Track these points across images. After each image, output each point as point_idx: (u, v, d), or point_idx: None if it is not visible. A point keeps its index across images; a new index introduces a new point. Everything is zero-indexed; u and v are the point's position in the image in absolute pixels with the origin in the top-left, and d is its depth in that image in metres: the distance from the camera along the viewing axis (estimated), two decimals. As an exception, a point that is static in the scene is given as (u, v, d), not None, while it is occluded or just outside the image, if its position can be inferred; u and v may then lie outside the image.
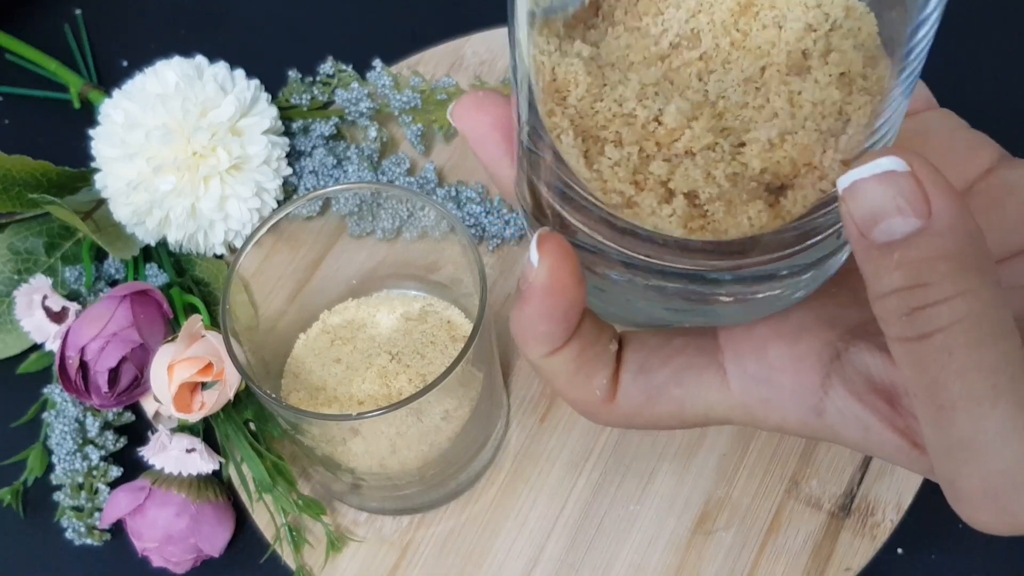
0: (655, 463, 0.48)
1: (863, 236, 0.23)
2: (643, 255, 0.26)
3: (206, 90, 0.51)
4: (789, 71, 0.22)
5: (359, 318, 0.48)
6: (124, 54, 0.62)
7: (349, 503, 0.48)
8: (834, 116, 0.23)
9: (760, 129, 0.23)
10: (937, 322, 0.22)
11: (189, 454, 0.46)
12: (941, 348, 0.22)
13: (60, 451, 0.48)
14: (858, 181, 0.23)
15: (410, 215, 0.48)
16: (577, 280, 0.26)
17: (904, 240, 0.22)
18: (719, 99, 0.23)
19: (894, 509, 0.47)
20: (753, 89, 0.23)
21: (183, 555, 0.46)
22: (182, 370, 0.45)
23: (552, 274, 0.25)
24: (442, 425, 0.43)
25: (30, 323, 0.50)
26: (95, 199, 0.53)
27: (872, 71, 0.23)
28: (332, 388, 0.45)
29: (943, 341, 0.22)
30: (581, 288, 0.26)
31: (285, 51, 0.61)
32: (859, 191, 0.23)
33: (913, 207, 0.22)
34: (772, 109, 0.22)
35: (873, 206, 0.22)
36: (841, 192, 0.23)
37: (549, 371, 0.28)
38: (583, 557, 0.47)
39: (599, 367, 0.28)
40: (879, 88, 0.23)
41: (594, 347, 0.28)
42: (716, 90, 0.23)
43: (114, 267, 0.53)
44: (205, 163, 0.50)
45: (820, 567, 0.46)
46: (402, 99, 0.55)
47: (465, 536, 0.47)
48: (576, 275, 0.26)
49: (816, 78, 0.22)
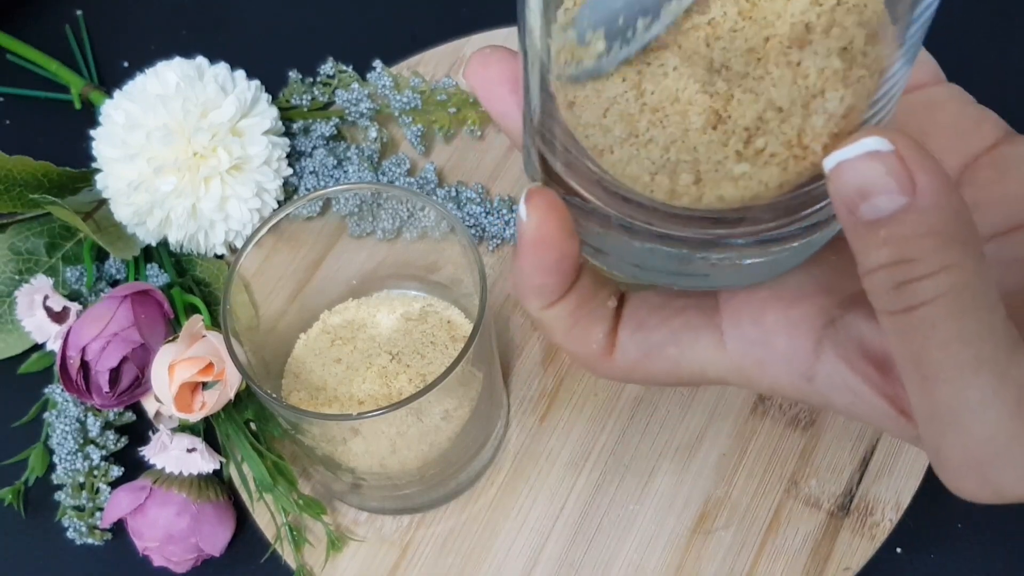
0: (655, 463, 0.48)
1: (851, 214, 0.23)
2: (642, 221, 0.26)
3: (207, 91, 0.51)
4: (791, 43, 0.23)
5: (359, 318, 0.48)
6: (125, 55, 0.62)
7: (349, 503, 0.48)
8: (833, 88, 0.23)
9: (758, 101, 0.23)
10: (922, 296, 0.23)
11: (190, 454, 0.46)
12: (926, 320, 0.23)
13: (61, 451, 0.48)
14: (843, 161, 0.23)
15: (410, 215, 0.49)
16: (566, 233, 0.26)
17: (890, 217, 0.23)
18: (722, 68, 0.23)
19: (893, 509, 0.47)
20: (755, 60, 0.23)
21: (184, 554, 0.46)
22: (183, 370, 0.45)
23: (540, 227, 0.26)
24: (442, 425, 0.43)
25: (31, 323, 0.50)
26: (96, 199, 0.53)
27: (872, 48, 0.23)
28: (332, 388, 0.46)
29: (927, 314, 0.23)
30: (571, 241, 0.27)
31: (286, 52, 0.61)
32: (844, 171, 0.23)
33: (899, 185, 0.23)
34: (771, 79, 0.23)
35: (859, 185, 0.23)
36: (827, 172, 0.23)
37: (548, 324, 0.29)
38: (583, 556, 0.47)
39: (596, 321, 0.29)
40: (879, 65, 0.23)
41: (591, 302, 0.29)
42: (720, 58, 0.23)
43: (115, 267, 0.54)
44: (206, 164, 0.50)
45: (819, 567, 0.46)
46: (402, 100, 0.55)
47: (465, 536, 0.47)
48: (565, 228, 0.26)
49: (816, 50, 0.23)
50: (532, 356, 0.51)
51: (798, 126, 0.23)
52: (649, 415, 0.50)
